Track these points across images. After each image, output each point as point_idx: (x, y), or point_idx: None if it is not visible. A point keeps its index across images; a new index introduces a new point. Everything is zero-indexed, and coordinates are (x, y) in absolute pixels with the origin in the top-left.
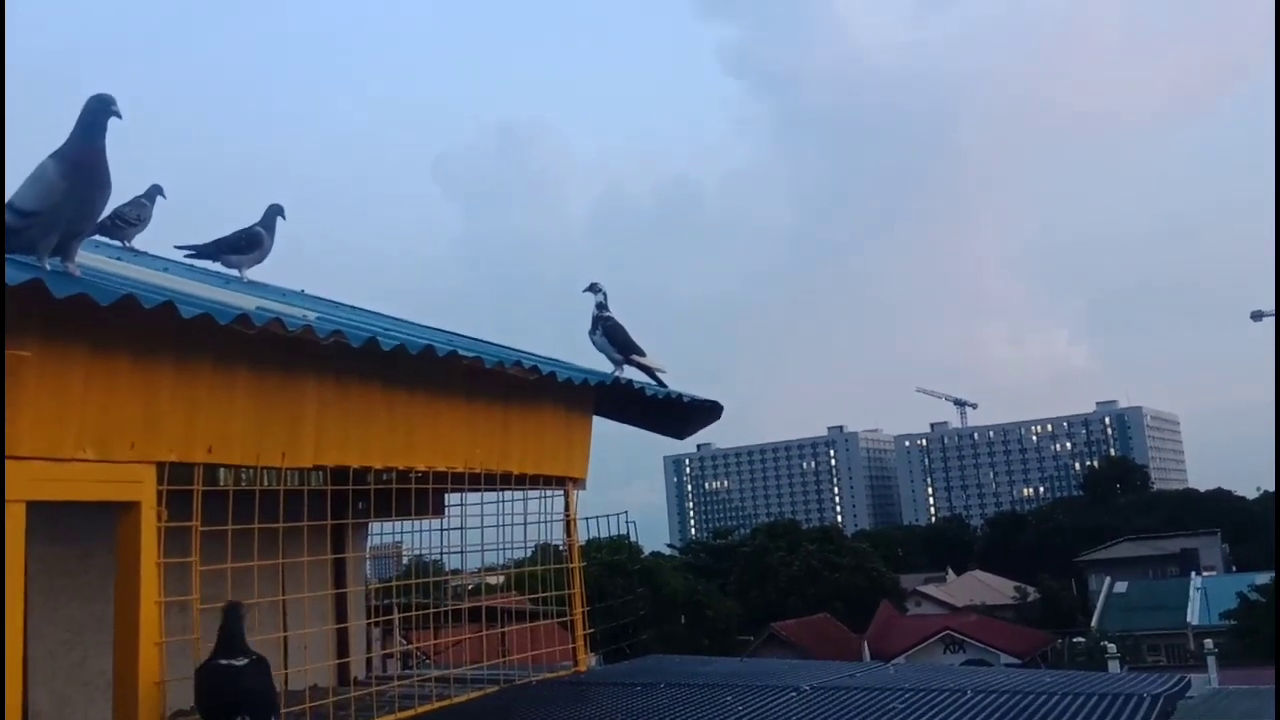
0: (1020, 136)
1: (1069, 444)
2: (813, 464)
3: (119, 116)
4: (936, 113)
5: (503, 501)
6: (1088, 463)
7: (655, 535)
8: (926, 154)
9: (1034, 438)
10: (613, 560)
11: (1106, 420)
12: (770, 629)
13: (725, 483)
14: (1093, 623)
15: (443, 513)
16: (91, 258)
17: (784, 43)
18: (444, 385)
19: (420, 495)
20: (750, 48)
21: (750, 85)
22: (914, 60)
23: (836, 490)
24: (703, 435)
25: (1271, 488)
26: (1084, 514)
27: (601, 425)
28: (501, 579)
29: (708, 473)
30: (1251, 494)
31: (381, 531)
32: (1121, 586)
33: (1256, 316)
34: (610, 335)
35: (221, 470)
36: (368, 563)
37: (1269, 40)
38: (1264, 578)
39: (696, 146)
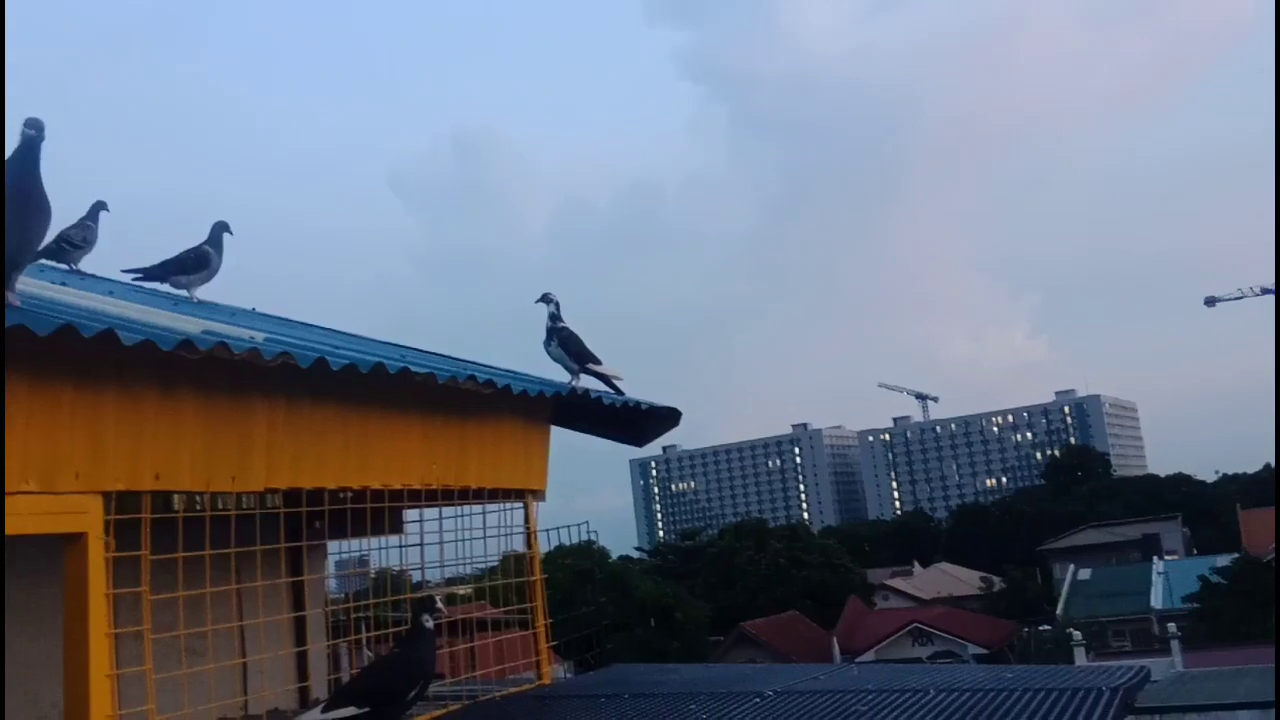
0: (974, 132)
1: (1030, 434)
2: (778, 462)
3: (42, 139)
4: (890, 111)
5: (461, 516)
6: (1049, 452)
7: (623, 539)
8: (882, 152)
9: (995, 429)
10: (578, 568)
11: (1066, 409)
12: (740, 629)
13: (692, 484)
14: (1058, 611)
15: (401, 530)
16: (35, 284)
17: (737, 46)
18: (398, 402)
19: (377, 514)
20: (704, 52)
21: (706, 89)
22: (866, 60)
23: (802, 488)
24: (667, 438)
25: (1230, 470)
26: (1046, 503)
27: (563, 433)
28: (466, 591)
29: (674, 475)
30: (1210, 477)
31: (341, 550)
32: (1085, 574)
33: (1210, 302)
34: (565, 345)
35: (175, 496)
36: (332, 580)
37: (1217, 32)
38: (1225, 560)
39: (654, 152)
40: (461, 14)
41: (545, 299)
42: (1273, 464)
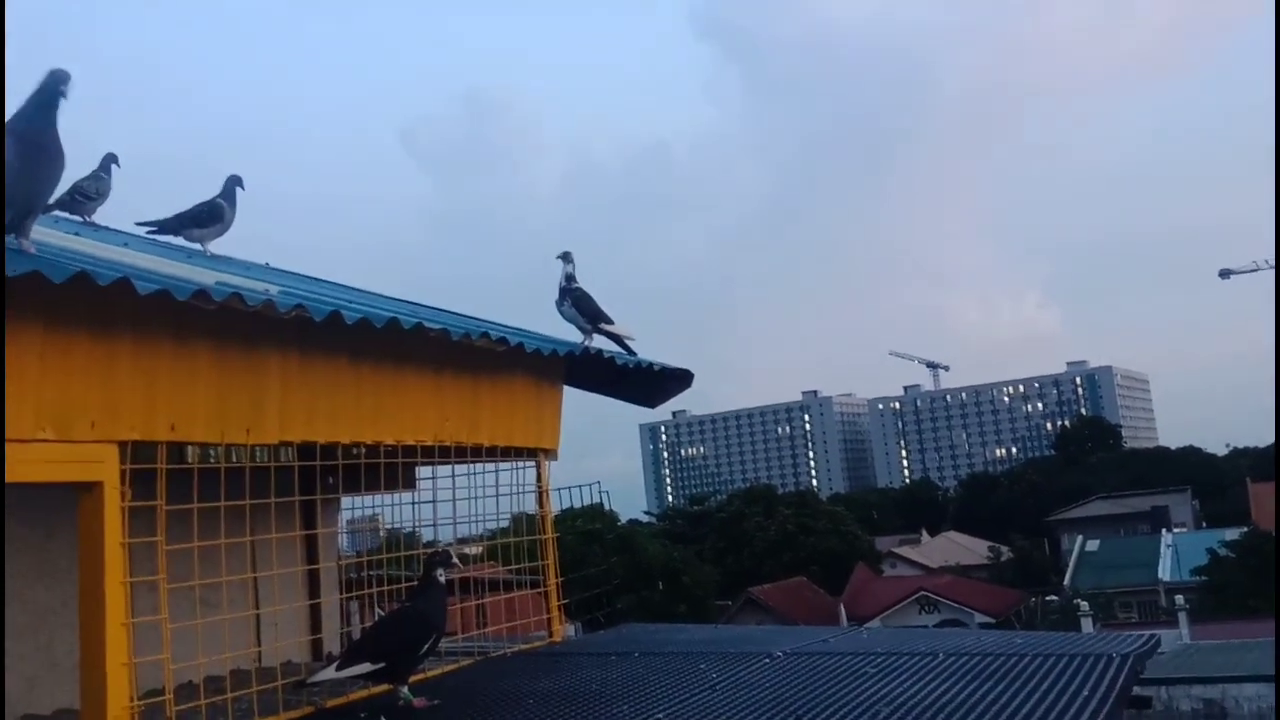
0: (989, 99)
1: (1040, 404)
2: (787, 429)
3: (65, 97)
4: (906, 77)
5: (474, 474)
6: (1059, 423)
7: (632, 503)
8: (896, 118)
9: (1006, 399)
10: (588, 529)
11: (1077, 380)
12: (747, 594)
13: (701, 449)
14: (1065, 581)
15: (414, 486)
16: (49, 233)
17: (754, 6)
18: (411, 358)
19: (390, 469)
20: (721, 12)
21: (721, 50)
22: (884, 23)
23: (811, 454)
24: (677, 402)
25: (1241, 444)
26: (1056, 474)
27: (574, 394)
28: (478, 550)
29: (683, 440)
30: (1221, 450)
31: (353, 506)
32: (1093, 545)
33: (1224, 274)
34: (579, 305)
35: (189, 448)
36: (344, 536)
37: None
38: (1233, 533)
39: (668, 113)
40: None
41: (565, 257)
42: (1264, 444)
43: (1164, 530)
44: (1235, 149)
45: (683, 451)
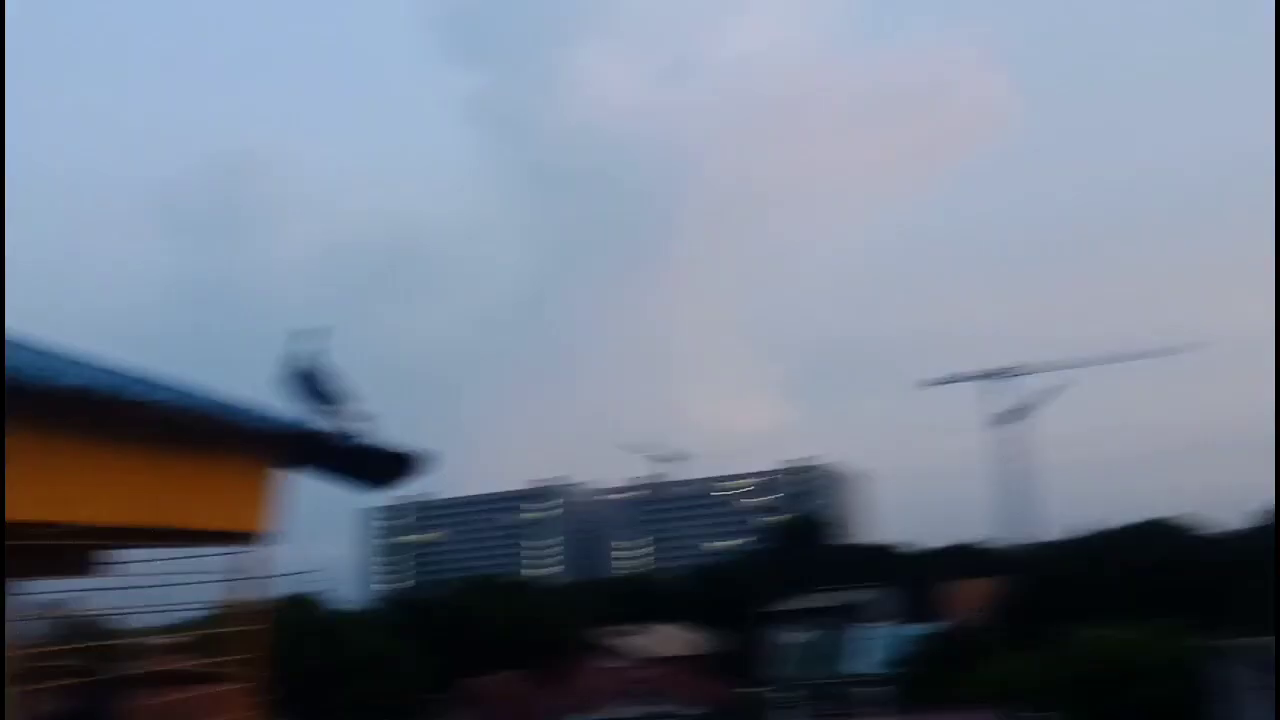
0: (740, 197)
1: (764, 498)
2: (523, 516)
3: None
4: (667, 173)
5: (176, 559)
6: (781, 517)
7: (353, 590)
8: (654, 216)
9: (732, 491)
10: (296, 619)
11: (797, 476)
12: (462, 687)
13: (432, 534)
14: (774, 673)
15: (102, 571)
16: None
17: (526, 95)
18: (112, 431)
19: (75, 551)
20: (493, 97)
21: (491, 135)
22: (649, 121)
23: (545, 542)
24: (413, 485)
25: (940, 543)
26: (773, 567)
27: (301, 476)
28: (170, 641)
29: (414, 524)
30: (923, 547)
31: (35, 591)
32: (802, 637)
33: (931, 384)
34: (309, 383)
35: None
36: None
37: (970, 128)
38: (929, 627)
39: (432, 193)
40: (241, 32)
41: (300, 335)
42: (965, 542)
43: (867, 623)
44: (952, 264)
45: (412, 536)
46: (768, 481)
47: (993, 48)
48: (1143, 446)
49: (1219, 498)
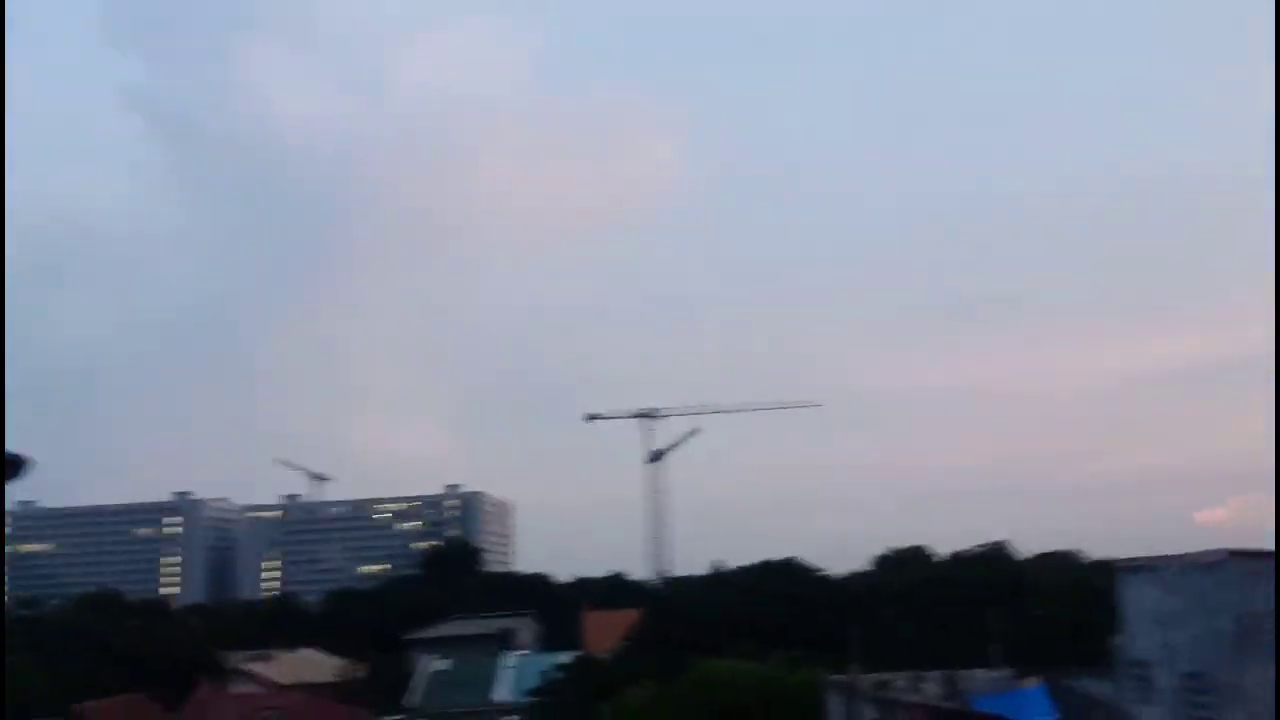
0: (419, 234)
1: (417, 523)
2: (152, 530)
3: None
4: (344, 196)
5: None
6: (430, 542)
7: None
8: (331, 234)
9: (384, 515)
10: None
11: (451, 503)
12: (75, 711)
13: (47, 546)
14: (412, 700)
15: None
16: None
17: (191, 93)
18: None
19: None
20: (156, 91)
21: (153, 128)
22: (328, 142)
23: (175, 560)
24: (22, 492)
25: (582, 574)
26: (419, 592)
27: None
28: None
29: (26, 534)
30: (565, 579)
31: None
32: (443, 664)
33: (590, 419)
34: None
35: None
36: None
37: (641, 181)
38: (567, 656)
39: (90, 181)
40: None
41: None
42: (613, 573)
43: (509, 652)
44: (619, 307)
45: (23, 547)
46: (423, 507)
47: (669, 113)
48: (780, 491)
49: (842, 543)
